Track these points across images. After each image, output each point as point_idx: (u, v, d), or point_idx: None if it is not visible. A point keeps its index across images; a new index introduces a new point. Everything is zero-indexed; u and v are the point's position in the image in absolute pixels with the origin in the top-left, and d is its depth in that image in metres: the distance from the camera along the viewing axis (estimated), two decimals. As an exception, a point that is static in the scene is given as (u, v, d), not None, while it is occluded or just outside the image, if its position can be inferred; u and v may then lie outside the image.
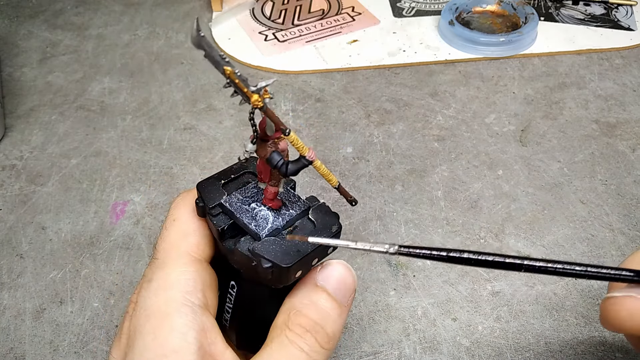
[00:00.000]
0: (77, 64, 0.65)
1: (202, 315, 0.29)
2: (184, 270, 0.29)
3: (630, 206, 0.48)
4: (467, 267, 0.44)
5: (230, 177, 0.31)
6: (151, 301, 0.29)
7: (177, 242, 0.31)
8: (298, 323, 0.28)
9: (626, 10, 0.69)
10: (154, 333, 0.28)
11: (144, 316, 0.28)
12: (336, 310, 0.29)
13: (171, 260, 0.30)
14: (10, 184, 0.52)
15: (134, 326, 0.28)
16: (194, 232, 0.31)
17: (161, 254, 0.30)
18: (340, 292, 0.29)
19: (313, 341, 0.28)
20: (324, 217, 0.30)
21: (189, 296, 0.29)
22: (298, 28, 0.68)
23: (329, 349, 0.29)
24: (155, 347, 0.27)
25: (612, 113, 0.56)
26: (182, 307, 0.28)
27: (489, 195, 0.49)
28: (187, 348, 0.27)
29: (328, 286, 0.29)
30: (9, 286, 0.44)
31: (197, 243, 0.31)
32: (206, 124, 0.57)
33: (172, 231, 0.31)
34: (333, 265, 0.30)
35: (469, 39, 0.63)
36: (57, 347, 0.40)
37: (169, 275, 0.29)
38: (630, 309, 0.27)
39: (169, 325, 0.28)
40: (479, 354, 0.39)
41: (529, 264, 0.27)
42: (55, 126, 0.57)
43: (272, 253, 0.27)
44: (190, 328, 0.28)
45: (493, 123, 0.56)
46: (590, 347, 0.39)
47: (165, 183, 0.51)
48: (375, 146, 0.54)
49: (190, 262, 0.30)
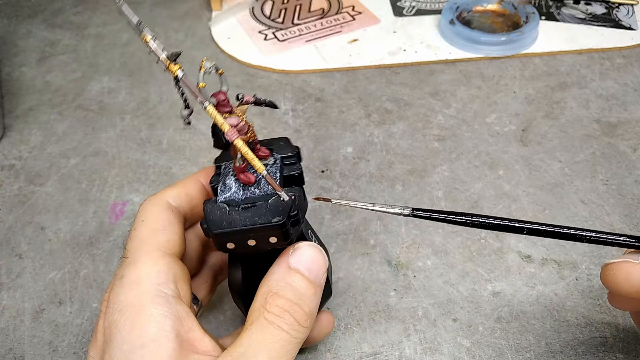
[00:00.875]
0: (76, 63, 0.65)
1: (177, 305, 0.29)
2: (154, 264, 0.30)
3: (632, 206, 0.48)
4: (468, 267, 0.44)
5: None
6: (124, 296, 0.29)
7: (146, 240, 0.31)
8: (276, 304, 0.29)
9: (627, 10, 0.69)
10: (130, 325, 0.28)
11: (117, 311, 0.28)
12: (311, 289, 0.30)
13: (141, 257, 0.30)
14: (9, 184, 0.51)
15: (109, 322, 0.28)
16: (163, 229, 0.31)
17: (131, 252, 0.31)
18: (313, 272, 0.30)
19: (292, 320, 0.29)
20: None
21: (161, 287, 0.29)
22: (298, 27, 0.68)
23: (307, 326, 0.30)
24: (132, 338, 0.27)
25: (614, 113, 0.56)
26: (155, 298, 0.28)
27: (490, 195, 0.49)
28: (165, 336, 0.27)
29: (301, 267, 0.30)
30: (7, 286, 0.44)
31: (167, 239, 0.31)
32: (206, 123, 0.57)
33: (140, 230, 0.31)
34: (304, 247, 0.31)
35: (469, 39, 0.63)
36: (56, 347, 0.40)
37: (140, 269, 0.30)
38: (626, 272, 0.29)
39: (145, 316, 0.28)
40: (480, 354, 0.39)
41: (531, 227, 0.30)
42: (54, 126, 0.57)
43: (212, 216, 0.29)
44: (166, 317, 0.28)
45: (494, 123, 0.56)
46: (591, 348, 0.39)
47: (164, 183, 0.51)
48: (376, 146, 0.54)
49: (161, 257, 0.30)
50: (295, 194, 0.30)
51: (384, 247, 0.45)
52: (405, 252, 0.45)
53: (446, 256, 0.45)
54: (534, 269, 0.43)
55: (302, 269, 0.30)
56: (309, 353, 0.39)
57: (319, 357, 0.39)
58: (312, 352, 0.39)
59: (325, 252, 0.32)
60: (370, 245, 0.45)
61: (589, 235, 0.30)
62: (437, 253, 0.45)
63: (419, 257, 0.45)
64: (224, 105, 0.29)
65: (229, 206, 0.30)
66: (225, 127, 0.28)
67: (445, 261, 0.44)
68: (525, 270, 0.43)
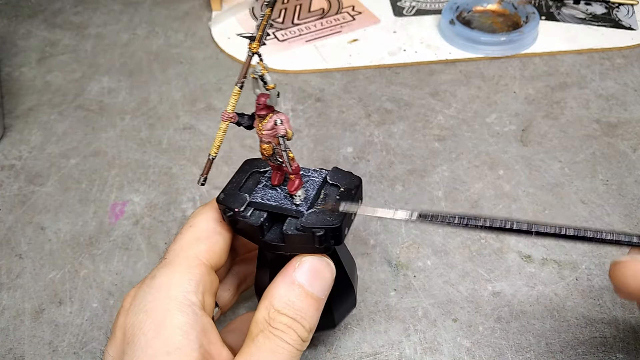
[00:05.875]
0: (76, 63, 0.65)
1: (202, 316, 0.29)
2: (188, 271, 0.30)
3: (632, 206, 0.47)
4: (468, 267, 0.44)
5: (241, 183, 0.32)
6: (152, 297, 0.29)
7: (187, 245, 0.31)
8: (279, 321, 0.29)
9: (627, 10, 0.69)
10: (155, 329, 0.28)
11: (143, 311, 0.28)
12: (313, 305, 0.30)
13: (178, 261, 0.30)
14: (9, 184, 0.51)
15: (132, 322, 0.28)
16: (206, 239, 0.32)
17: (170, 255, 0.31)
18: (317, 287, 0.30)
19: (295, 336, 0.29)
20: (342, 178, 0.32)
21: (189, 296, 0.29)
22: (298, 27, 0.68)
23: (308, 340, 0.30)
24: (157, 343, 0.27)
25: (613, 113, 0.56)
26: (184, 306, 0.29)
27: (490, 195, 0.49)
28: (189, 346, 0.28)
29: (305, 282, 0.30)
30: (7, 286, 0.44)
31: (207, 249, 0.31)
32: (206, 123, 0.57)
33: (185, 235, 0.32)
34: (309, 260, 0.31)
35: (469, 39, 0.63)
36: (56, 347, 0.40)
37: (173, 274, 0.30)
38: (635, 270, 0.28)
39: (171, 322, 0.28)
40: (480, 354, 0.39)
41: (539, 230, 0.29)
42: (54, 126, 0.57)
43: (319, 222, 0.30)
44: (192, 327, 0.28)
45: (494, 123, 0.56)
46: (592, 348, 0.39)
47: (164, 183, 0.51)
48: (376, 146, 0.54)
49: (197, 265, 0.30)
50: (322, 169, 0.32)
51: (384, 247, 0.45)
52: (405, 252, 0.45)
53: (446, 256, 0.45)
54: (534, 269, 0.43)
55: (306, 283, 0.30)
56: (309, 353, 0.39)
57: (319, 357, 0.39)
58: (312, 352, 0.39)
59: (353, 262, 0.32)
60: (370, 245, 0.45)
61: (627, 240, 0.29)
62: (437, 253, 0.45)
63: (419, 257, 0.45)
64: (257, 108, 0.29)
65: (313, 207, 0.31)
66: (228, 107, 0.29)
67: (445, 261, 0.44)
68: (525, 270, 0.43)
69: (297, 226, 0.30)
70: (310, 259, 0.31)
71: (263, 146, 0.30)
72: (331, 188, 0.32)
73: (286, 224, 0.30)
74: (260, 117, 0.30)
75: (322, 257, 0.31)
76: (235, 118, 0.30)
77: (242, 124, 0.30)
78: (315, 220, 0.30)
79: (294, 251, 0.31)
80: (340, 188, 0.32)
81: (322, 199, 0.31)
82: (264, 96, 0.29)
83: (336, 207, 0.30)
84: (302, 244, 0.30)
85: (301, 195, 0.31)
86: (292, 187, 0.31)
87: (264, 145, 0.30)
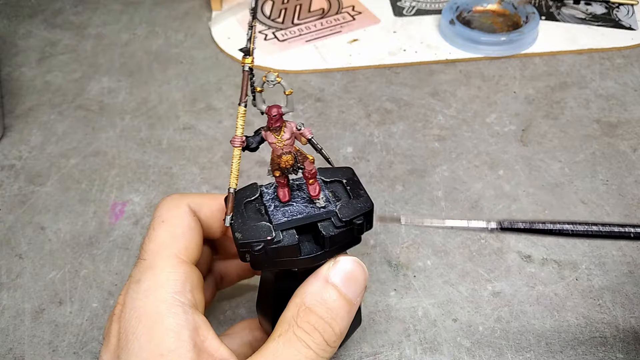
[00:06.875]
0: (76, 63, 0.65)
1: (194, 314, 0.29)
2: (172, 271, 0.30)
3: (632, 206, 0.47)
4: (468, 267, 0.44)
5: (245, 217, 0.30)
6: (141, 302, 0.29)
7: (165, 244, 0.31)
8: (307, 320, 0.28)
9: (627, 10, 0.69)
10: (148, 334, 0.28)
11: (134, 317, 0.28)
12: (345, 308, 0.29)
13: (160, 262, 0.30)
14: (9, 184, 0.51)
15: (125, 328, 0.28)
16: (182, 235, 0.31)
17: (149, 255, 0.30)
18: (351, 289, 0.29)
19: (321, 339, 0.28)
20: (335, 173, 0.32)
21: (178, 296, 0.29)
22: (298, 27, 0.68)
23: (335, 347, 0.29)
24: (151, 347, 0.27)
25: (613, 113, 0.56)
26: (173, 307, 0.28)
27: (490, 195, 0.49)
28: (182, 346, 0.28)
29: (339, 282, 0.29)
30: (7, 286, 0.44)
31: (185, 246, 0.31)
32: (205, 123, 0.57)
33: (160, 232, 0.31)
34: (345, 261, 0.30)
35: (469, 39, 0.63)
36: (56, 347, 0.40)
37: (158, 276, 0.29)
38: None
39: (162, 325, 0.28)
40: (480, 354, 0.39)
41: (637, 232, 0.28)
42: (54, 126, 0.57)
43: (355, 211, 0.29)
44: (183, 327, 0.28)
45: (494, 123, 0.56)
46: (591, 348, 0.39)
47: (164, 183, 0.51)
48: (376, 146, 0.54)
49: (179, 264, 0.30)
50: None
51: (384, 247, 0.45)
52: (405, 252, 0.45)
53: (446, 256, 0.45)
54: (534, 269, 0.43)
55: (340, 284, 0.29)
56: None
57: (319, 357, 0.39)
58: (312, 352, 0.39)
59: None
60: (370, 245, 0.45)
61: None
62: (437, 253, 0.45)
63: (419, 257, 0.45)
64: (273, 120, 0.28)
65: (333, 204, 0.30)
66: (237, 131, 0.28)
67: (445, 261, 0.44)
68: (525, 270, 0.43)
69: (336, 223, 0.29)
70: (344, 259, 0.30)
71: (284, 158, 0.29)
72: (332, 184, 0.32)
73: (322, 229, 0.29)
74: (274, 130, 0.28)
75: (355, 258, 0.30)
76: (245, 142, 0.28)
77: (251, 146, 0.29)
78: (351, 211, 0.29)
79: (332, 255, 0.30)
80: (342, 181, 0.32)
81: (333, 195, 0.31)
82: (276, 107, 0.28)
83: (396, 219, 0.30)
84: (341, 240, 0.29)
85: (323, 197, 0.30)
86: (314, 191, 0.30)
87: (285, 157, 0.29)
